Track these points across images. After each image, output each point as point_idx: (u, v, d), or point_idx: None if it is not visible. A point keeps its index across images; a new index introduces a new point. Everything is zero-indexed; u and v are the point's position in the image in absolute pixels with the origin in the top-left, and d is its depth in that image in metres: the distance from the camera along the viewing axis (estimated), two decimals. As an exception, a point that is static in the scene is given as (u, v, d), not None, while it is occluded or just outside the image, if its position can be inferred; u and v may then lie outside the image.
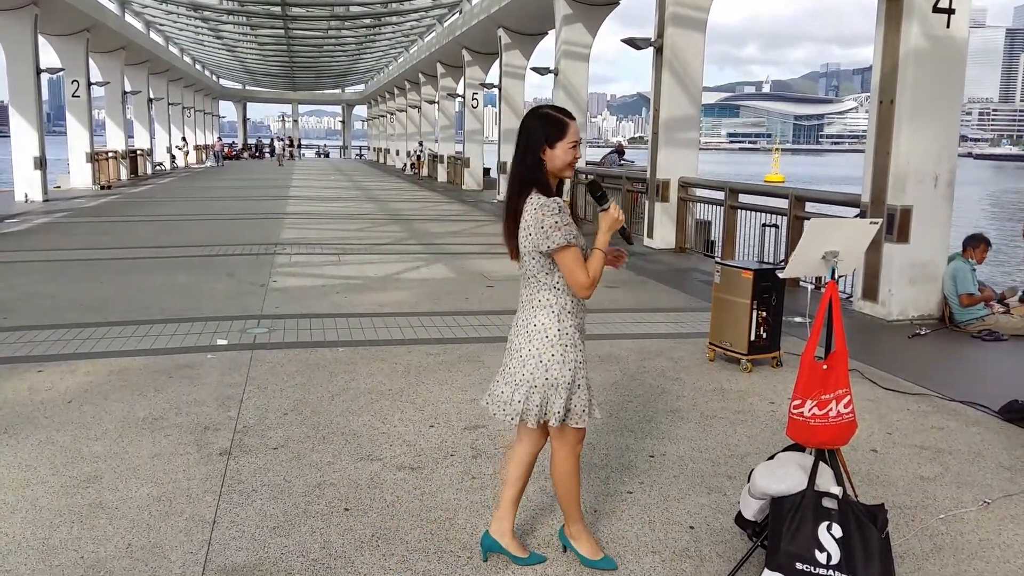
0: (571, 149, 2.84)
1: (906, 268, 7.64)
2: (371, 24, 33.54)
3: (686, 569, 3.13)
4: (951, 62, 7.59)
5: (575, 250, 2.79)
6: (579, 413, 2.93)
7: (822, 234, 3.15)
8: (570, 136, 2.83)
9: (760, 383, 5.58)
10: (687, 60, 12.01)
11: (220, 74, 60.20)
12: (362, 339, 6.53)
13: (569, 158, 2.84)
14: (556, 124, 2.84)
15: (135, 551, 3.17)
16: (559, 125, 2.84)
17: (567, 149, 2.83)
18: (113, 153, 27.91)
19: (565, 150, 2.83)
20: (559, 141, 2.82)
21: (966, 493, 3.90)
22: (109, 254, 11.16)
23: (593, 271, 2.81)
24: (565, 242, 2.77)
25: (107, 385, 5.23)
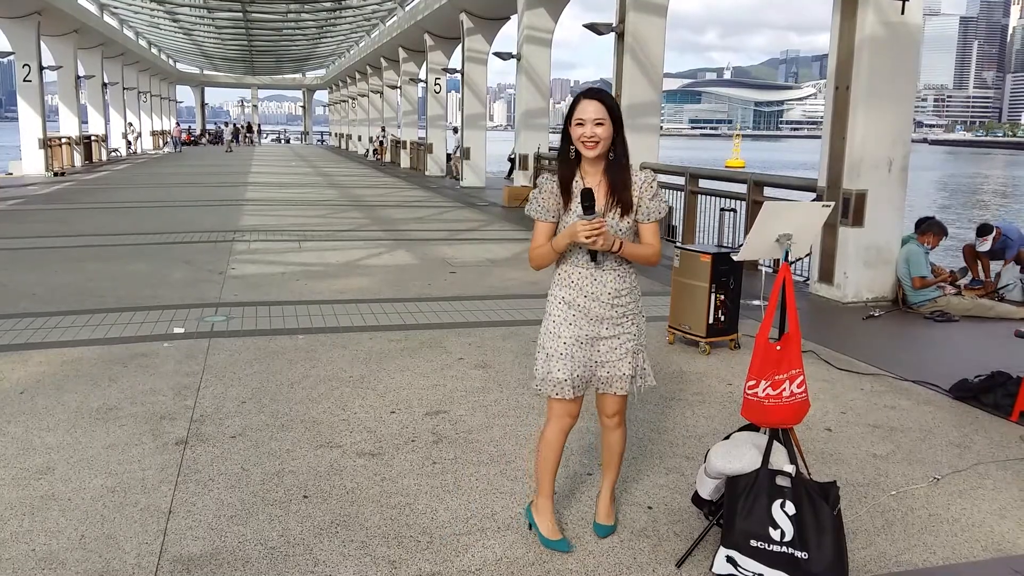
0: (577, 126, 2.89)
1: (861, 251, 7.77)
2: (331, 8, 33.10)
3: (644, 548, 3.17)
4: (905, 49, 7.71)
5: (538, 223, 3.01)
6: (536, 378, 3.08)
7: (776, 217, 3.19)
8: (576, 113, 2.89)
9: (718, 365, 5.65)
10: (648, 46, 12.05)
11: (177, 58, 59.03)
12: (322, 326, 6.48)
13: (576, 135, 2.89)
14: (573, 103, 2.95)
15: (88, 542, 3.13)
16: (573, 103, 2.94)
17: (575, 126, 2.90)
18: (67, 139, 27.27)
19: (573, 126, 2.90)
20: (571, 118, 2.91)
21: (917, 470, 3.99)
22: (62, 242, 10.92)
23: (533, 251, 3.04)
24: (528, 213, 3.03)
25: (60, 375, 5.13)
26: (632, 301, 3.04)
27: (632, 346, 3.03)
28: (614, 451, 3.22)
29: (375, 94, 40.81)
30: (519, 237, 11.98)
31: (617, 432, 3.18)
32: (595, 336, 3.00)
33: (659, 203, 2.98)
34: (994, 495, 3.73)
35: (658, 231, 3.02)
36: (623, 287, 3.00)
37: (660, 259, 3.04)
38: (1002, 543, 3.30)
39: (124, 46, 37.18)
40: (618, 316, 3.00)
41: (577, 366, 2.99)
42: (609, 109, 2.87)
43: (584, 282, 2.98)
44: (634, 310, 3.05)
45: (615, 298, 2.99)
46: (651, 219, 2.97)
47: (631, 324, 3.03)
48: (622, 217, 2.92)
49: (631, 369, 3.03)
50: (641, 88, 12.19)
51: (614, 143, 2.92)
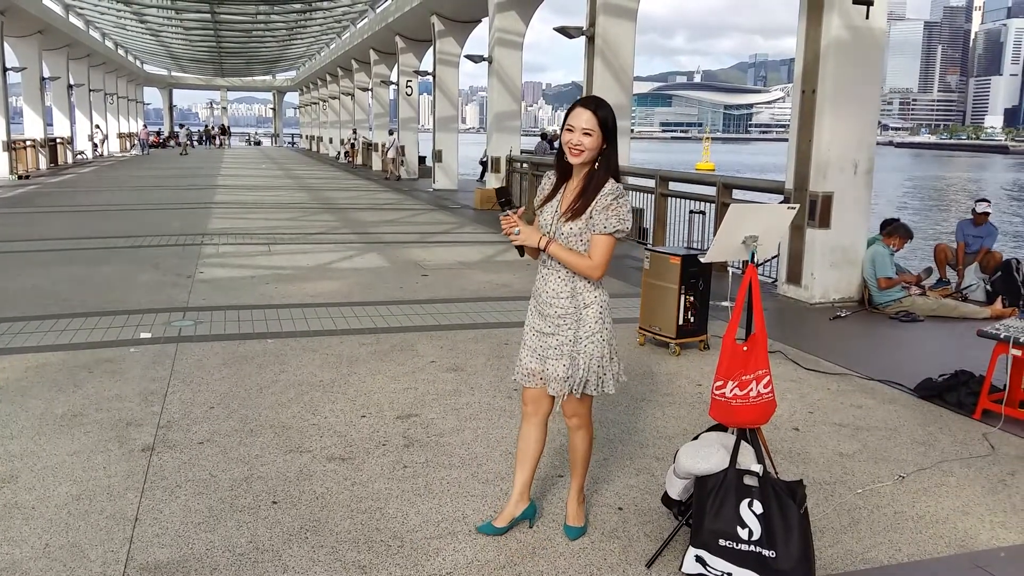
0: (567, 131, 2.93)
1: (827, 253, 7.88)
2: (301, 9, 32.86)
3: (614, 549, 3.18)
4: (870, 53, 7.83)
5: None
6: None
7: (742, 219, 3.22)
8: (570, 120, 2.93)
9: (688, 366, 5.70)
10: (618, 49, 12.12)
11: (144, 60, 58.27)
12: (292, 330, 6.43)
13: (564, 139, 2.94)
14: (571, 107, 2.98)
15: (53, 551, 3.07)
16: (571, 108, 2.97)
17: (565, 131, 2.94)
18: (31, 141, 26.80)
19: (565, 131, 2.95)
20: (566, 122, 2.96)
21: (883, 468, 4.05)
22: (26, 246, 10.73)
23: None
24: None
25: (24, 381, 5.03)
26: (573, 306, 2.99)
27: (568, 350, 3.00)
28: (575, 453, 3.24)
29: (346, 96, 40.58)
30: (491, 240, 11.98)
31: (578, 434, 3.18)
32: (542, 331, 3.08)
33: (607, 216, 2.89)
34: (958, 492, 3.80)
35: (605, 247, 2.92)
36: (563, 290, 3.00)
37: (599, 275, 2.95)
38: (965, 539, 3.36)
39: (90, 47, 36.64)
40: (554, 316, 3.03)
41: (530, 355, 3.11)
42: (601, 121, 2.90)
43: (538, 277, 3.12)
44: (573, 315, 3.00)
45: (552, 298, 3.03)
46: (596, 231, 2.91)
47: (568, 328, 3.00)
48: (568, 221, 2.95)
49: (565, 372, 3.01)
50: (612, 91, 12.23)
51: (604, 156, 2.94)
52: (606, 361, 3.04)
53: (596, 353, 3.01)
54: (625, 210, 2.92)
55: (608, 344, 3.04)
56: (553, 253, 2.95)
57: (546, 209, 3.06)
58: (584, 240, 2.95)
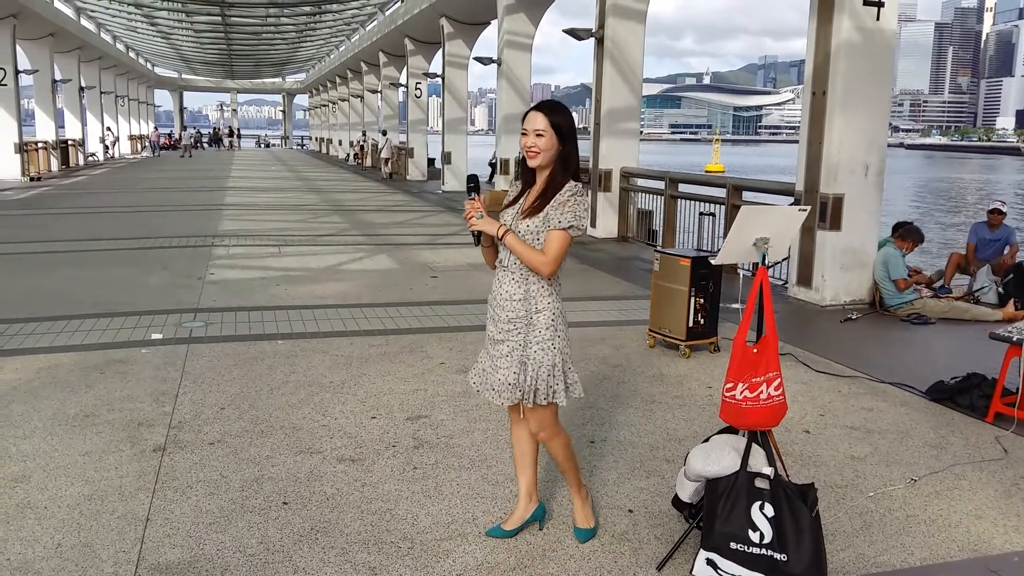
0: (522, 136, 2.95)
1: (838, 255, 7.85)
2: (311, 12, 32.96)
3: (625, 552, 3.18)
4: (881, 54, 7.80)
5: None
6: None
7: (753, 221, 3.21)
8: (525, 124, 2.95)
9: (698, 368, 5.68)
10: (628, 51, 12.11)
11: (155, 62, 58.56)
12: (303, 331, 6.45)
13: (521, 143, 2.96)
14: (526, 112, 2.99)
15: (65, 551, 3.09)
16: (526, 113, 2.98)
17: (522, 135, 2.95)
18: (43, 144, 26.97)
19: (522, 135, 2.95)
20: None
21: (894, 471, 4.03)
22: (39, 247, 10.80)
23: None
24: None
25: (36, 382, 5.06)
26: (524, 310, 2.95)
27: (518, 356, 2.96)
28: (557, 462, 3.23)
29: (355, 98, 40.70)
30: (500, 241, 11.96)
31: (551, 445, 3.14)
32: (494, 338, 3.04)
33: (563, 212, 2.87)
34: (970, 496, 3.77)
35: (559, 242, 2.87)
36: (516, 292, 2.96)
37: (551, 270, 2.89)
38: (978, 543, 3.34)
39: (101, 50, 36.85)
40: (505, 321, 2.98)
41: (485, 358, 3.11)
42: (554, 124, 2.89)
43: (493, 281, 3.08)
44: (524, 319, 2.95)
45: (505, 301, 2.98)
46: (551, 226, 2.88)
47: (518, 333, 2.96)
48: (525, 219, 2.94)
49: (514, 378, 2.96)
50: (621, 93, 12.24)
51: (562, 158, 2.93)
52: (557, 371, 2.97)
53: (547, 362, 2.95)
54: (582, 208, 2.90)
55: (561, 353, 2.97)
56: (509, 243, 2.91)
57: (508, 211, 3.03)
58: (541, 239, 2.91)
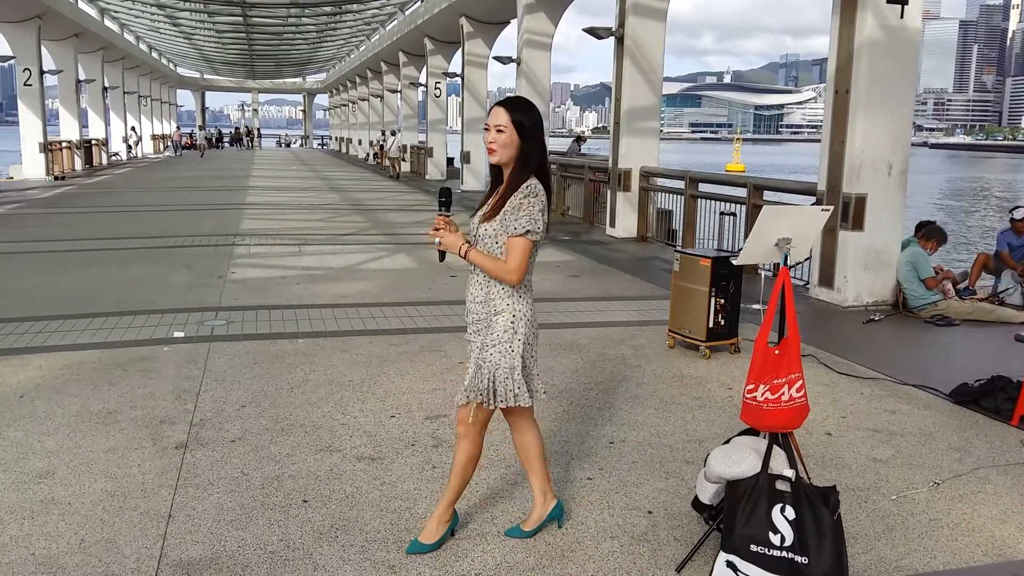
0: (484, 130, 2.91)
1: (860, 255, 7.77)
2: (332, 12, 33.11)
3: (644, 553, 3.16)
4: (905, 52, 7.72)
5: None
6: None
7: (775, 221, 3.19)
8: (488, 119, 2.92)
9: (718, 369, 5.65)
10: (648, 50, 12.06)
11: (178, 62, 59.07)
12: (323, 330, 6.48)
13: (484, 139, 2.91)
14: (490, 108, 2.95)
15: (88, 547, 3.12)
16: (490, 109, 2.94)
17: (484, 132, 2.91)
18: (67, 143, 27.30)
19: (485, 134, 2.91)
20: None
21: (917, 474, 3.99)
22: (63, 246, 10.93)
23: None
24: None
25: (60, 379, 5.12)
26: (485, 312, 2.94)
27: (475, 357, 2.97)
28: (454, 464, 3.13)
29: (375, 98, 40.84)
30: (519, 241, 11.97)
31: (461, 443, 3.09)
32: (468, 339, 3.05)
33: (517, 217, 2.82)
34: (995, 499, 3.73)
35: (519, 250, 2.84)
36: (479, 294, 2.97)
37: (516, 279, 2.86)
38: (1003, 548, 3.30)
39: (125, 50, 37.23)
40: (472, 323, 3.01)
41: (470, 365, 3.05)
42: (515, 121, 2.86)
43: (468, 283, 3.06)
44: (484, 320, 2.94)
45: (471, 303, 3.00)
46: (508, 231, 2.85)
47: (478, 335, 2.98)
48: (484, 222, 2.92)
49: (468, 379, 2.97)
50: (641, 92, 12.20)
51: (522, 154, 2.89)
52: (516, 374, 2.92)
53: (503, 364, 2.91)
54: (536, 209, 2.83)
55: (519, 356, 2.92)
56: (472, 260, 2.91)
57: (477, 214, 3.01)
58: (499, 242, 2.89)
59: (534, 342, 3.02)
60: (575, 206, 15.30)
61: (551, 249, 11.29)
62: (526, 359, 2.98)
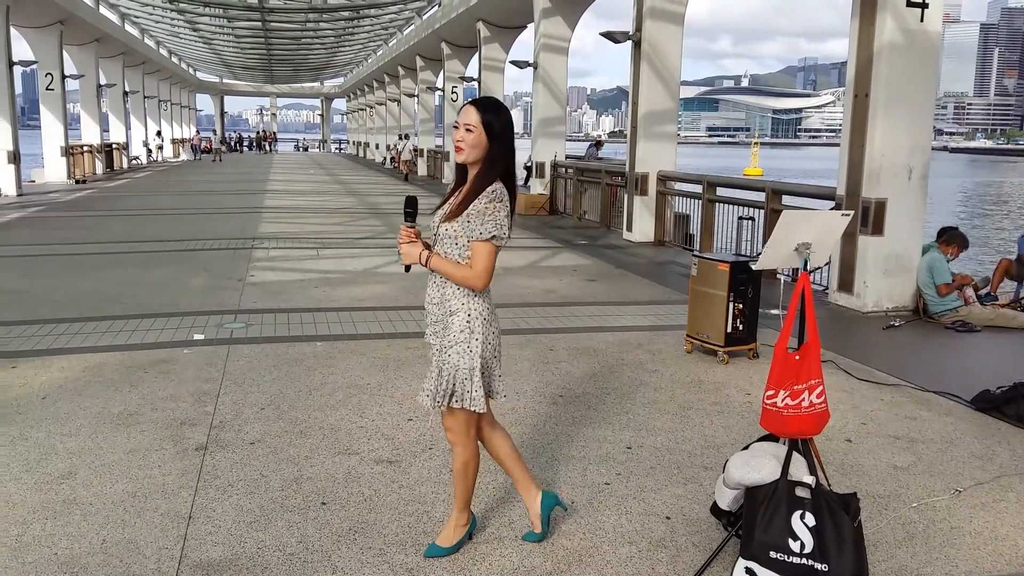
0: (454, 129, 2.89)
1: (880, 260, 7.72)
2: (349, 17, 33.30)
3: (662, 559, 3.15)
4: (925, 56, 7.66)
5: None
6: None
7: (794, 226, 3.17)
8: (458, 117, 2.90)
9: (737, 374, 5.62)
10: (665, 54, 12.04)
11: (197, 67, 59.58)
12: (340, 333, 6.51)
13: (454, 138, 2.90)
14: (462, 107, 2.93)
15: (110, 547, 3.15)
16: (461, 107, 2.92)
17: (453, 130, 2.90)
18: (88, 147, 27.59)
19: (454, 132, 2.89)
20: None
21: (938, 482, 3.95)
22: (84, 249, 11.04)
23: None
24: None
25: (82, 381, 5.18)
26: (441, 313, 2.92)
27: (436, 360, 2.94)
28: (453, 470, 3.11)
29: (392, 102, 41.00)
30: (535, 245, 11.99)
31: (455, 450, 3.07)
32: (428, 343, 3.02)
33: (483, 222, 2.80)
34: (1018, 508, 3.68)
35: (484, 255, 2.82)
36: (434, 295, 2.96)
37: (483, 284, 2.85)
38: (1026, 556, 3.26)
39: (145, 55, 37.59)
40: (430, 324, 2.99)
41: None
42: (485, 122, 2.84)
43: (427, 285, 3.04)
44: (441, 322, 2.93)
45: (428, 305, 2.99)
46: (472, 237, 2.83)
47: (436, 337, 2.96)
48: (445, 222, 2.91)
49: (431, 383, 2.94)
50: (658, 96, 12.18)
51: (490, 156, 2.87)
52: (475, 375, 2.88)
53: (463, 365, 2.88)
54: (502, 214, 2.82)
55: (479, 357, 2.89)
56: (435, 267, 2.89)
57: (438, 213, 2.99)
58: (460, 244, 2.86)
59: (495, 341, 2.97)
60: (592, 210, 15.29)
61: (567, 253, 11.29)
62: (487, 359, 2.93)
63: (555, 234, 13.48)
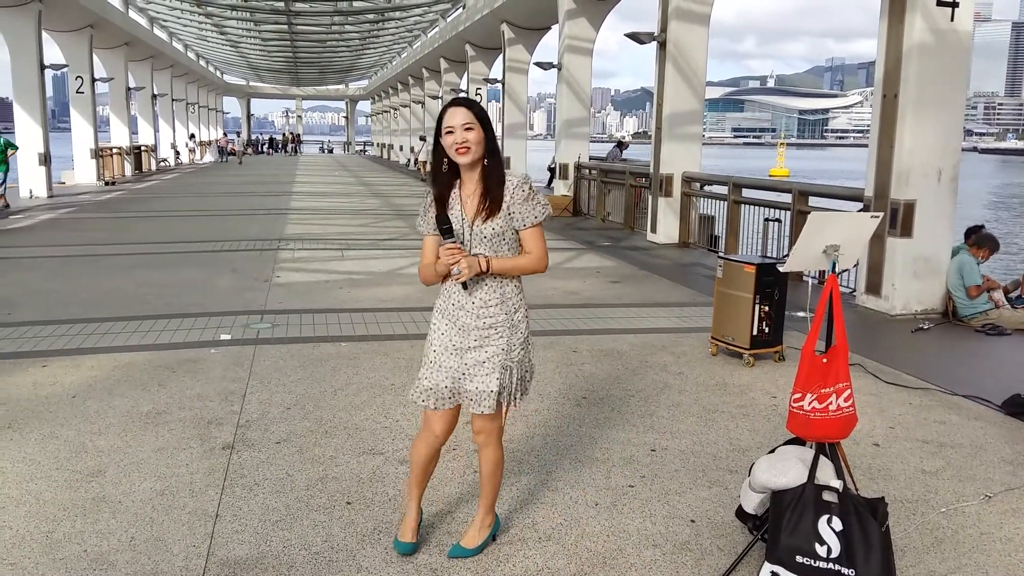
0: (448, 134, 2.85)
1: (909, 262, 7.62)
2: (374, 19, 33.51)
3: (687, 562, 3.14)
4: (955, 56, 7.56)
5: (427, 237, 3.03)
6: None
7: (823, 228, 3.14)
8: (445, 121, 2.85)
9: (762, 377, 5.58)
10: (690, 54, 11.99)
11: (224, 70, 60.24)
12: (365, 334, 6.54)
13: (448, 142, 2.85)
14: (442, 112, 2.90)
15: (138, 544, 3.19)
16: (442, 112, 2.89)
17: (445, 134, 2.85)
18: (117, 149, 27.94)
19: (444, 135, 2.86)
20: (441, 128, 2.87)
21: (968, 487, 3.90)
22: (113, 249, 11.20)
23: (421, 268, 3.09)
24: (419, 229, 3.07)
25: (111, 380, 5.25)
26: (504, 313, 2.92)
27: (500, 361, 2.92)
28: (483, 471, 3.12)
29: (416, 104, 41.16)
30: (559, 247, 11.98)
31: (486, 451, 3.08)
32: (463, 347, 2.94)
33: (533, 206, 2.88)
34: (1050, 514, 3.63)
35: (540, 236, 2.93)
36: (492, 298, 2.92)
37: (547, 265, 2.96)
38: (1058, 564, 3.21)
39: (173, 58, 38.03)
40: (484, 328, 2.92)
41: (443, 376, 2.95)
42: (477, 115, 2.85)
43: (453, 290, 2.98)
44: (505, 323, 2.93)
45: (481, 308, 2.92)
46: (527, 224, 2.89)
47: (500, 338, 2.93)
48: (487, 221, 2.88)
49: (497, 386, 2.91)
50: (683, 97, 12.12)
51: (487, 150, 2.89)
52: (530, 366, 3.06)
53: (529, 360, 3.04)
54: (542, 195, 2.93)
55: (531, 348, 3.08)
56: (499, 270, 2.89)
57: (459, 218, 2.93)
58: (507, 238, 2.90)
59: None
60: (616, 211, 15.25)
61: (591, 255, 11.26)
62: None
63: (578, 235, 13.46)
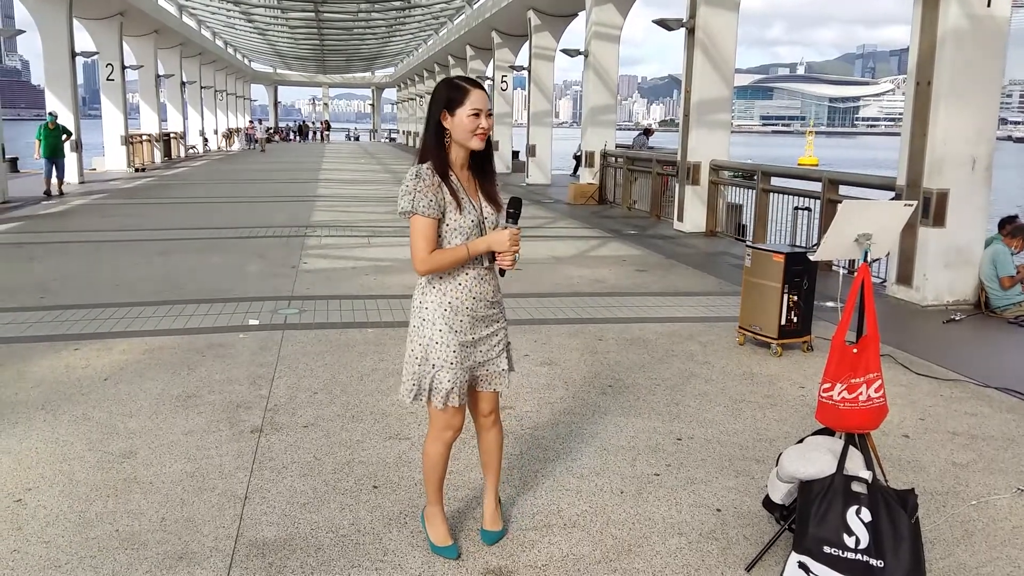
0: (473, 117, 2.70)
1: (941, 253, 7.51)
2: (401, 6, 33.50)
3: (712, 551, 3.13)
4: (991, 42, 7.41)
5: (420, 219, 2.73)
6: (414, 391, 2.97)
7: (855, 216, 3.10)
8: (471, 103, 2.70)
9: (790, 367, 5.54)
10: (720, 41, 11.86)
11: (252, 57, 60.57)
12: (391, 320, 6.57)
13: (472, 126, 2.71)
14: (457, 90, 2.73)
15: (169, 525, 3.24)
16: (460, 91, 2.72)
17: (468, 116, 2.70)
18: (147, 136, 28.26)
19: (466, 117, 2.70)
20: (459, 107, 2.70)
21: (999, 480, 3.84)
22: (144, 235, 11.33)
23: (438, 256, 2.77)
24: (410, 208, 2.72)
25: (142, 363, 5.32)
26: (500, 295, 3.05)
27: (505, 341, 3.05)
28: (494, 451, 3.15)
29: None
30: (585, 235, 11.94)
31: (495, 430, 3.14)
32: (476, 338, 2.91)
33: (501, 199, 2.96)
34: (1084, 509, 3.57)
35: None
36: (497, 286, 3.00)
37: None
38: (1092, 559, 3.15)
39: (201, 46, 38.31)
40: (496, 314, 2.99)
41: (462, 372, 2.89)
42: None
43: (472, 283, 2.85)
44: (501, 309, 3.06)
45: (495, 293, 2.97)
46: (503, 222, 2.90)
47: (503, 319, 3.05)
48: (497, 211, 2.89)
49: (508, 364, 3.04)
50: (712, 84, 12.01)
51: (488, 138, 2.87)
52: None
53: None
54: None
55: None
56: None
57: (466, 210, 2.78)
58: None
59: None
60: (642, 200, 15.16)
61: (616, 243, 11.21)
62: None
63: (604, 223, 13.40)
